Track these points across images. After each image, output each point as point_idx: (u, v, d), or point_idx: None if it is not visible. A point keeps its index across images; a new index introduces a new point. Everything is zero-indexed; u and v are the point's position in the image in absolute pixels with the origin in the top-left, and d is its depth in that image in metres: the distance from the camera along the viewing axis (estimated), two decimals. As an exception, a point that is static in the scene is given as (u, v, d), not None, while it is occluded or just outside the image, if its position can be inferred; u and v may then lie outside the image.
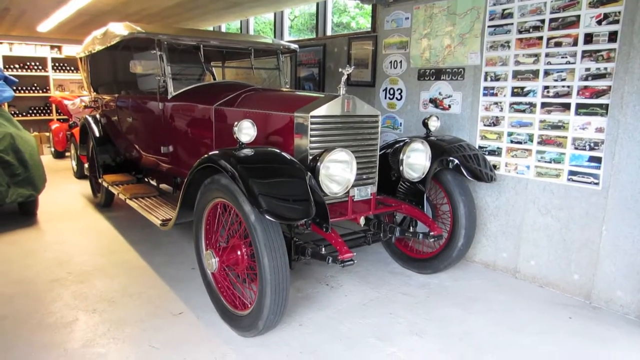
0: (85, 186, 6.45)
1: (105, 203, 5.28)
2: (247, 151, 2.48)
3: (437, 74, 4.04)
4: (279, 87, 4.68)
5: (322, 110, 2.81)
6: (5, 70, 9.13)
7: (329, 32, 6.05)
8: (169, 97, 3.86)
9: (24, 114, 9.81)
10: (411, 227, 3.36)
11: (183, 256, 3.85)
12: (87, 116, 5.40)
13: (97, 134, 5.19)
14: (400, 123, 4.40)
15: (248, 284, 2.59)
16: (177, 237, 4.33)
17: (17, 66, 9.44)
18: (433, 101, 4.11)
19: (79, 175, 7.07)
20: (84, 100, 8.50)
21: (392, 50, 4.41)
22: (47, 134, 9.60)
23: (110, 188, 4.56)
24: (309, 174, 2.49)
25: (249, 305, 2.54)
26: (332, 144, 2.88)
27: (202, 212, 2.79)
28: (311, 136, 2.78)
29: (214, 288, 2.79)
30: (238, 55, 4.97)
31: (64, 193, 6.11)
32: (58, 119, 9.85)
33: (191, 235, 4.22)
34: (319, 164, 2.56)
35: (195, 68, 4.62)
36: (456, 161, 3.21)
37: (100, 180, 4.93)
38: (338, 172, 2.66)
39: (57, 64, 9.91)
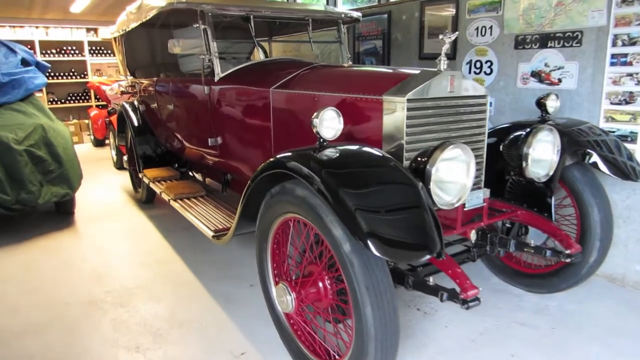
0: (125, 178, 5.99)
1: (146, 199, 4.78)
2: (333, 151, 1.81)
3: (543, 40, 3.23)
4: (338, 63, 3.98)
5: (421, 91, 2.11)
6: (42, 55, 8.79)
7: (393, -3, 5.22)
8: (216, 79, 3.23)
9: (63, 100, 9.50)
10: (521, 236, 2.65)
11: (237, 267, 3.26)
12: (124, 103, 4.87)
13: (136, 123, 4.65)
14: (491, 103, 3.63)
15: (333, 328, 1.96)
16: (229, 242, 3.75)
17: (53, 51, 9.08)
18: (536, 74, 3.31)
19: (119, 165, 6.62)
20: (121, 85, 8.06)
21: (479, 13, 3.61)
22: (87, 121, 9.26)
23: (152, 185, 4.02)
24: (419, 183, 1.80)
25: (337, 358, 1.91)
26: (433, 135, 2.19)
27: (267, 230, 2.16)
28: (408, 126, 2.09)
29: (287, 328, 2.17)
30: (290, 27, 4.28)
31: (103, 186, 5.67)
32: (97, 105, 9.48)
33: (244, 240, 3.64)
34: (428, 166, 1.87)
35: (243, 44, 3.97)
36: (595, 154, 2.43)
37: (140, 175, 4.41)
38: (451, 176, 1.96)
39: (93, 48, 9.50)
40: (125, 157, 4.96)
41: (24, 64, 4.84)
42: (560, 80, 3.17)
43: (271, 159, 1.95)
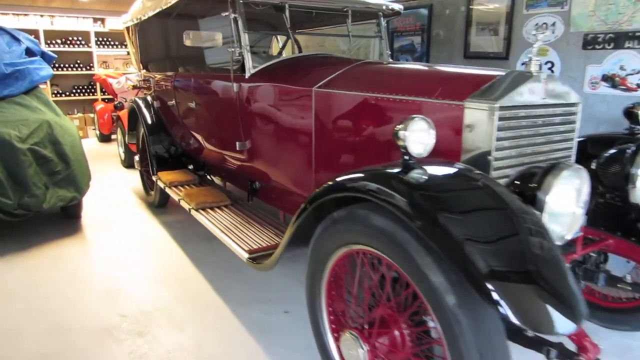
0: (134, 177, 5.62)
1: (159, 203, 4.40)
2: (424, 172, 1.44)
3: (619, 39, 2.86)
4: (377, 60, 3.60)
5: (515, 97, 1.74)
6: (46, 45, 8.40)
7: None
8: (247, 75, 2.85)
9: (67, 93, 9.10)
10: (600, 265, 2.28)
11: (268, 289, 2.89)
12: (137, 99, 4.48)
13: (149, 121, 4.27)
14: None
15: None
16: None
17: (58, 41, 8.68)
18: (609, 79, 2.94)
19: (128, 164, 6.25)
20: (129, 79, 7.68)
21: (539, 8, 3.24)
22: (92, 115, 8.87)
23: (169, 191, 3.64)
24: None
25: None
26: (520, 150, 1.83)
27: (323, 261, 1.79)
28: (498, 139, 1.72)
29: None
30: (317, 21, 3.89)
31: (111, 187, 5.29)
32: (103, 99, 9.09)
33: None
34: (540, 193, 1.49)
35: (262, 37, 3.61)
36: None
37: (154, 178, 4.03)
38: (563, 205, 1.58)
39: (100, 39, 9.11)
40: (136, 157, 4.59)
41: (28, 54, 4.46)
42: (639, 86, 2.80)
43: (340, 178, 1.58)
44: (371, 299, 1.63)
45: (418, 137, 1.49)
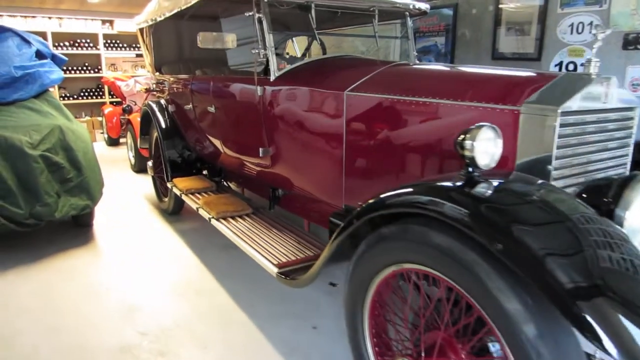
0: (145, 182, 5.50)
1: (173, 210, 4.27)
2: (492, 185, 1.29)
3: (664, 38, 2.71)
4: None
5: (577, 102, 1.59)
6: (54, 48, 8.29)
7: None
8: (272, 78, 2.71)
9: (75, 96, 9.00)
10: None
11: (293, 302, 2.74)
12: (150, 102, 4.35)
13: (163, 125, 4.14)
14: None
15: None
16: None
17: (66, 44, 8.57)
18: (652, 80, 2.78)
19: (138, 168, 6.12)
20: (138, 81, 7.57)
21: (575, 7, 3.09)
22: (100, 118, 8.76)
23: (186, 199, 3.50)
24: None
25: None
26: (580, 159, 1.68)
27: (367, 280, 1.64)
28: (559, 147, 1.57)
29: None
30: (339, 21, 3.75)
31: (122, 192, 5.16)
32: (111, 102, 8.98)
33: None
34: (618, 210, 1.34)
35: (278, 38, 3.46)
36: None
37: (169, 185, 3.89)
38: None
39: (108, 41, 9.00)
40: (149, 163, 4.45)
41: (38, 56, 4.34)
42: (686, 88, 2.64)
43: (395, 191, 1.43)
44: (425, 323, 1.48)
45: (485, 147, 1.34)
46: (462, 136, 1.34)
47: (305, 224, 2.96)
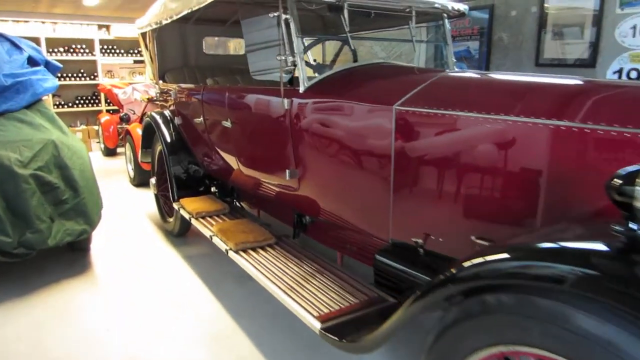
0: (146, 197, 5.10)
1: (179, 232, 3.87)
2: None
3: None
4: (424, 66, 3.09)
5: None
6: (48, 54, 7.89)
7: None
8: (302, 89, 2.33)
9: (70, 104, 8.59)
10: None
11: (326, 354, 2.34)
12: (154, 114, 3.95)
13: (169, 139, 3.75)
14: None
15: None
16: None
17: (61, 49, 8.18)
18: None
19: (138, 182, 5.71)
20: (136, 89, 7.17)
21: (638, 6, 2.73)
22: (96, 127, 8.34)
23: (197, 224, 3.09)
24: None
25: None
26: None
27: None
28: None
29: None
30: (377, 23, 3.38)
31: (121, 210, 4.74)
32: (107, 110, 8.58)
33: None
34: None
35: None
36: None
37: (176, 206, 3.49)
38: None
39: (105, 47, 8.61)
40: (152, 180, 4.05)
41: (30, 63, 3.95)
42: None
43: (505, 252, 1.05)
44: None
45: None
46: (624, 179, 0.96)
47: (339, 257, 2.58)
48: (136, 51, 8.86)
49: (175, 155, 3.68)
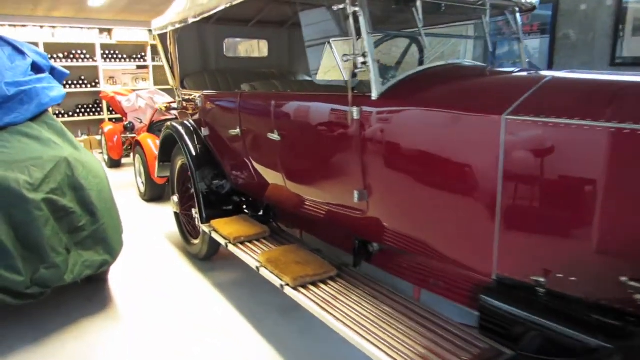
0: (160, 214, 4.71)
1: (206, 256, 3.46)
2: None
3: None
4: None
5: None
6: (47, 60, 7.46)
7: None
8: (374, 95, 1.94)
9: (71, 113, 8.15)
10: None
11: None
12: (176, 124, 3.54)
13: (194, 153, 3.34)
14: None
15: None
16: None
17: (60, 55, 7.75)
18: None
19: (149, 197, 5.30)
20: (140, 95, 6.76)
21: None
22: (99, 137, 7.92)
23: (237, 252, 2.68)
24: None
25: None
26: None
27: None
28: None
29: None
30: (449, 17, 3.00)
31: (135, 228, 4.31)
32: (110, 119, 8.15)
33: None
34: None
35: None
36: None
37: (206, 229, 3.08)
38: None
39: (107, 52, 8.19)
40: (174, 198, 3.65)
41: (35, 69, 3.53)
42: None
43: None
44: None
45: None
46: None
47: (415, 291, 2.19)
48: (139, 56, 8.45)
49: (201, 170, 3.28)
